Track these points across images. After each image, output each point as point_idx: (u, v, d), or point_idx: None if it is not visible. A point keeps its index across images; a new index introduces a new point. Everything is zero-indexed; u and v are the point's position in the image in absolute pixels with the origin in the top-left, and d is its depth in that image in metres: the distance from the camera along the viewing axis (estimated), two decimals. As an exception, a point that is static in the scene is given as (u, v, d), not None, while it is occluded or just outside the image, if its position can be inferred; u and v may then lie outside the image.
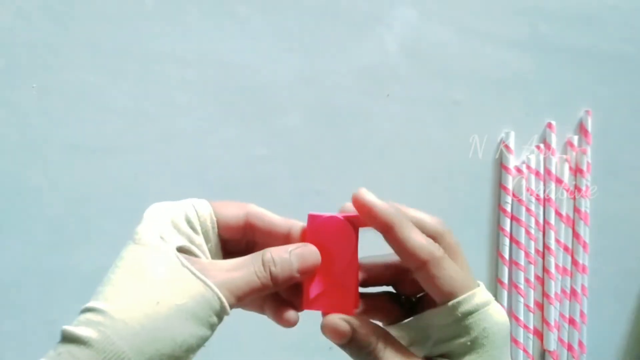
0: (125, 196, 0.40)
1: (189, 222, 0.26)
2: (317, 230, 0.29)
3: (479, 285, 0.28)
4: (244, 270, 0.25)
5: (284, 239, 0.28)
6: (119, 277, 0.25)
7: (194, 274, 0.24)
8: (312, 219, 0.29)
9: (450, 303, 0.27)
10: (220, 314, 0.24)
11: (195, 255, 0.26)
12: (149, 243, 0.25)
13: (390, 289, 0.30)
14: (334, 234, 0.29)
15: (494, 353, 0.27)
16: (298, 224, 0.29)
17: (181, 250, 0.25)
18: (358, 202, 0.28)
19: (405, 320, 0.29)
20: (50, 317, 0.39)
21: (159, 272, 0.24)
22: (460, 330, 0.27)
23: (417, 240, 0.28)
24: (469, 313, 0.27)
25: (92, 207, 0.40)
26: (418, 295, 0.30)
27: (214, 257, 0.27)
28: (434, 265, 0.27)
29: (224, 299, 0.24)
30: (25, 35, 0.38)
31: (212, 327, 0.24)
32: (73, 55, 0.39)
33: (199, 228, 0.26)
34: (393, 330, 0.29)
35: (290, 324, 0.28)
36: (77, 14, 0.39)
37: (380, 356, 0.27)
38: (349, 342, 0.27)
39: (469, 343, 0.27)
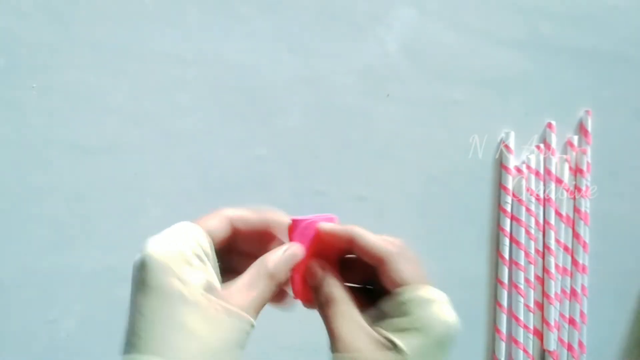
0: (125, 196, 0.40)
1: (198, 256, 0.28)
2: (300, 232, 0.34)
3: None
4: (258, 288, 0.29)
5: (266, 234, 0.32)
6: (158, 330, 0.26)
7: (227, 309, 0.27)
8: (295, 223, 0.34)
9: (396, 289, 0.31)
10: (250, 332, 0.28)
11: (213, 286, 0.28)
12: (174, 291, 0.26)
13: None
14: (315, 235, 0.34)
15: (426, 341, 0.31)
16: (273, 217, 0.33)
17: (203, 287, 0.27)
18: (322, 234, 0.33)
19: (370, 310, 0.33)
20: (51, 317, 0.39)
21: (197, 320, 0.26)
22: (401, 312, 0.31)
23: (375, 241, 0.33)
24: (410, 300, 0.31)
25: (92, 207, 0.40)
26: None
27: (215, 272, 0.30)
28: (389, 260, 0.32)
29: (254, 321, 0.28)
30: (25, 35, 0.38)
31: (245, 344, 0.28)
32: (73, 55, 0.39)
33: (205, 257, 0.28)
34: None
35: (285, 304, 0.33)
36: (77, 14, 0.39)
37: (332, 312, 0.32)
38: (316, 289, 0.32)
39: (405, 324, 0.31)
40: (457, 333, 0.32)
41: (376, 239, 0.33)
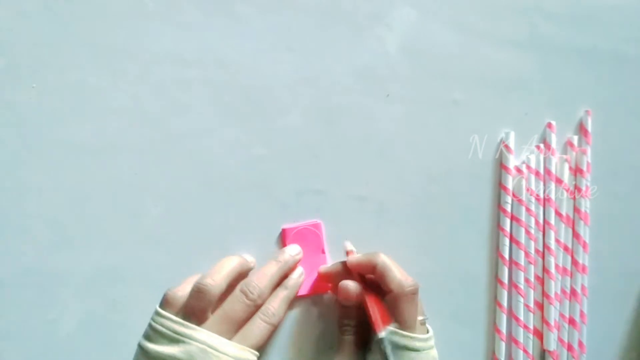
0: (125, 196, 0.40)
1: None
2: (293, 238, 0.42)
3: (424, 328, 0.40)
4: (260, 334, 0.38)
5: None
6: None
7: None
8: (286, 231, 0.42)
9: (385, 327, 0.37)
10: None
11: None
12: None
13: None
14: (305, 238, 0.43)
15: None
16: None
17: None
18: (349, 265, 0.40)
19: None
20: (50, 317, 0.39)
21: None
22: (376, 349, 0.37)
23: (396, 276, 0.39)
24: (391, 344, 0.36)
25: (92, 207, 0.40)
26: None
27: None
28: (404, 300, 0.38)
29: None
30: (25, 35, 0.38)
31: None
32: (73, 55, 0.39)
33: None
34: None
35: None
36: (77, 13, 0.39)
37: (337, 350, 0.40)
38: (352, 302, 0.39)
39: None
40: None
41: (397, 272, 0.38)
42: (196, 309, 0.36)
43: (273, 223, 0.43)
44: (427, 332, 0.40)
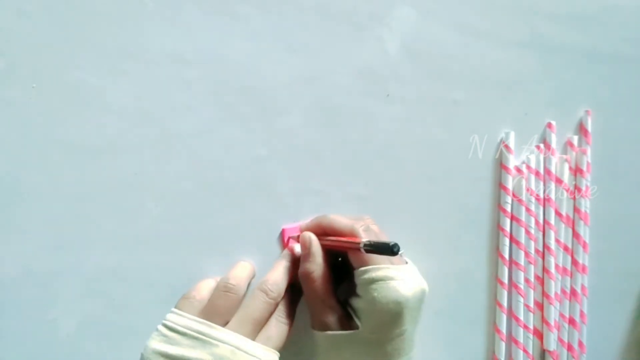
0: (125, 196, 0.40)
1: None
2: (293, 238, 0.42)
3: (392, 263, 0.37)
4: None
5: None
6: None
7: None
8: (286, 231, 0.43)
9: (355, 270, 0.37)
10: None
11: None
12: None
13: None
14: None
15: (378, 319, 0.35)
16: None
17: None
18: (301, 231, 0.41)
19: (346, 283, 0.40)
20: (50, 317, 0.39)
21: None
22: (358, 292, 0.37)
23: (343, 221, 0.39)
24: (364, 282, 0.36)
25: (92, 207, 0.40)
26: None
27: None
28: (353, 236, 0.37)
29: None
30: (25, 35, 0.38)
31: None
32: (73, 55, 0.39)
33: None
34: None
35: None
36: (77, 13, 0.39)
37: (308, 288, 0.38)
38: (302, 260, 0.39)
39: (361, 304, 0.36)
40: (414, 301, 0.36)
41: (342, 219, 0.39)
42: (223, 308, 0.36)
43: (273, 223, 0.43)
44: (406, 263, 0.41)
